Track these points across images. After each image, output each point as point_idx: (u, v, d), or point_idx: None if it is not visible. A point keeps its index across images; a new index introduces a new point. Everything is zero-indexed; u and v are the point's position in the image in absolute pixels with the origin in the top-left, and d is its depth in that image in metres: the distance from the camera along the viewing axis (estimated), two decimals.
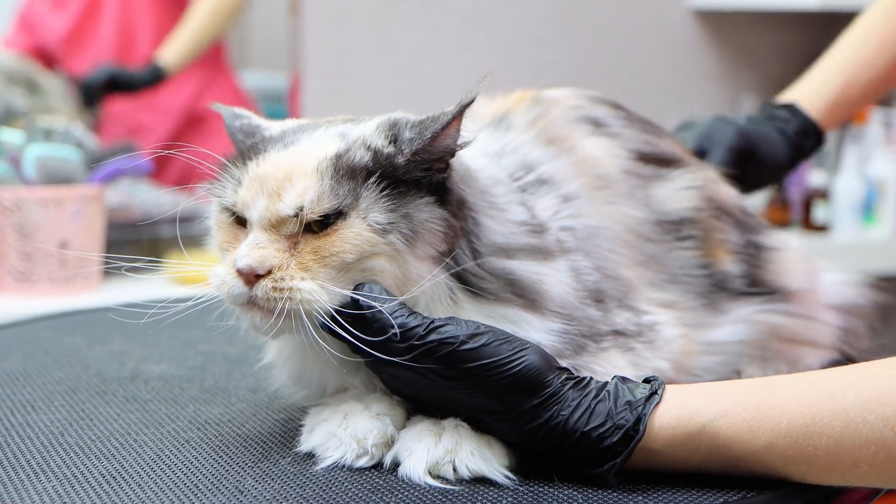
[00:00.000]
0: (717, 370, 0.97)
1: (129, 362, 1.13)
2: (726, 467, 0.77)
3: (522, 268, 0.86)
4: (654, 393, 0.79)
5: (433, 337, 0.78)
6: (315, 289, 0.80)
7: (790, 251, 1.05)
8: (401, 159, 0.82)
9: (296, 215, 0.81)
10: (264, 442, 0.88)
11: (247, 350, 1.10)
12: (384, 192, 0.82)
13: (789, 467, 0.75)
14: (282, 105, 2.56)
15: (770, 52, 2.91)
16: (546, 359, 0.79)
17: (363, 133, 0.85)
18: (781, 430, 0.74)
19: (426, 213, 0.82)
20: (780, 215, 2.71)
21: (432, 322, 0.78)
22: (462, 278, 0.83)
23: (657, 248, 0.98)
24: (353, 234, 0.81)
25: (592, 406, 0.78)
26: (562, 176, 0.96)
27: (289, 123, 0.90)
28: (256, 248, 0.81)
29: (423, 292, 0.82)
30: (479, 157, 0.91)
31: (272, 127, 0.90)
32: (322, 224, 0.81)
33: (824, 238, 2.66)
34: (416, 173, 0.83)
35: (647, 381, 0.82)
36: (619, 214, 0.97)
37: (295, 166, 0.83)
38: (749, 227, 1.03)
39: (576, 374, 0.81)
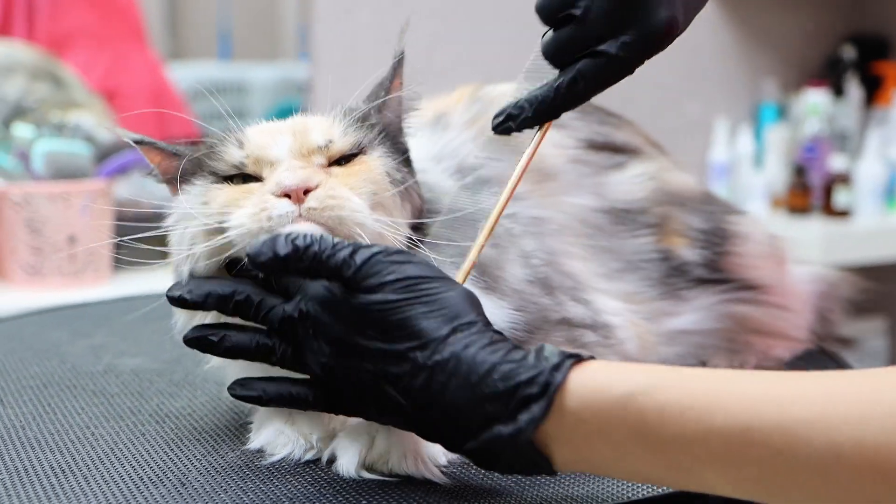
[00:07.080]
0: (677, 361, 0.96)
1: (106, 356, 1.14)
2: (651, 460, 0.68)
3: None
4: (576, 355, 0.71)
5: (362, 254, 0.74)
6: (362, 203, 0.81)
7: (757, 241, 1.03)
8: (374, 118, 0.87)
9: (326, 146, 0.83)
10: (218, 436, 0.89)
11: None
12: (388, 150, 0.86)
13: (718, 470, 0.66)
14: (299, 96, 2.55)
15: (790, 33, 2.87)
16: (472, 300, 0.74)
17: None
18: (716, 425, 0.65)
19: (409, 178, 0.86)
20: (801, 201, 2.68)
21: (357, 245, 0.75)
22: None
23: (610, 236, 0.97)
24: (379, 164, 0.84)
25: (507, 348, 0.71)
26: (505, 178, 0.94)
27: None
28: (297, 169, 0.81)
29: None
30: (417, 162, 0.90)
31: None
32: (347, 159, 0.84)
33: (846, 223, 2.63)
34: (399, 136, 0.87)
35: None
36: (565, 205, 0.96)
37: (307, 119, 0.86)
38: (709, 213, 1.02)
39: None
